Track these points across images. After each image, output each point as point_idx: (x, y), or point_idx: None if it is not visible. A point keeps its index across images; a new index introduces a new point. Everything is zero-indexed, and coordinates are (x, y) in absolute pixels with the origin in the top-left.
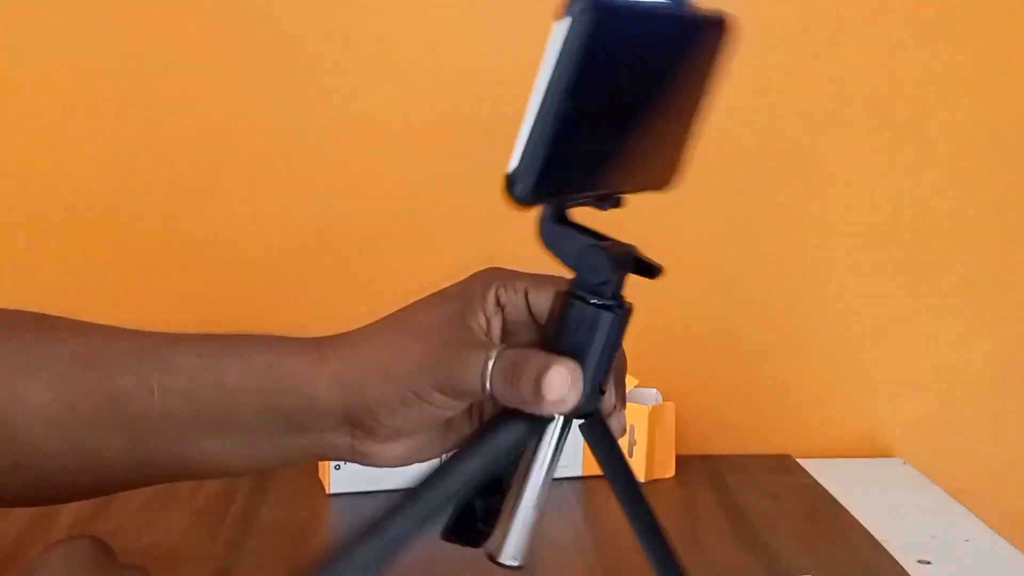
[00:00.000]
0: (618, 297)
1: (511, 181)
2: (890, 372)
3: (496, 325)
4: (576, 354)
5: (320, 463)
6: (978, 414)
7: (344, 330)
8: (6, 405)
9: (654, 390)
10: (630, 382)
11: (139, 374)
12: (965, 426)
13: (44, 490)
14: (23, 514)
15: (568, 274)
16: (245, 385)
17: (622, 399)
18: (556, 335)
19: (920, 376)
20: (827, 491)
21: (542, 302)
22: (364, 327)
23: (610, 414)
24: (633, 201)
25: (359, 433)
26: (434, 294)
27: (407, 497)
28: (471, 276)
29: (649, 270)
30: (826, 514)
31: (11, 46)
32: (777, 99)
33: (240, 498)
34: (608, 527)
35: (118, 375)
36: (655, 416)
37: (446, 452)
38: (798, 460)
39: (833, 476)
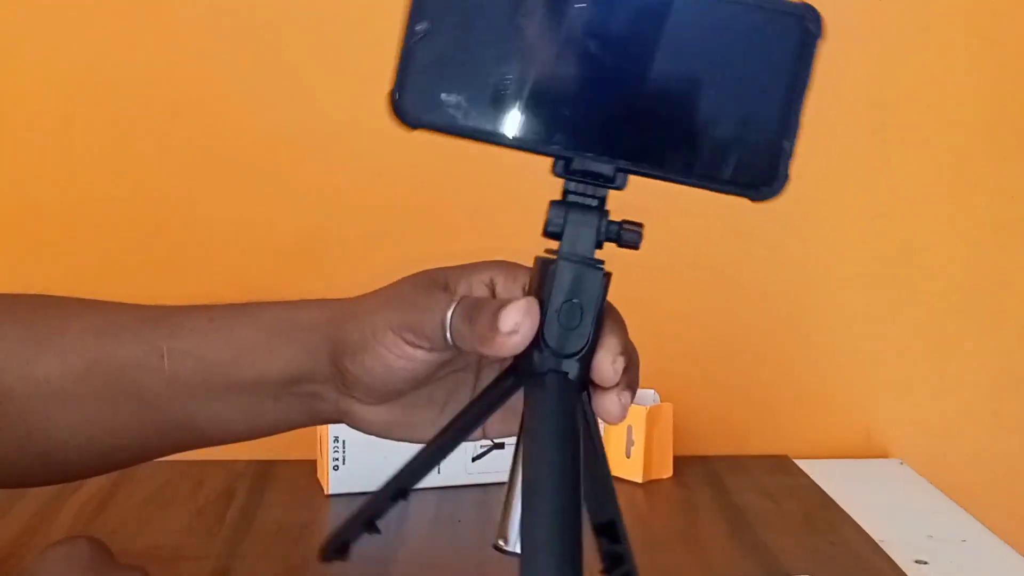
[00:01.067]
0: (578, 255)
1: (391, 103)
2: (887, 373)
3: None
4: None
5: (319, 466)
6: (975, 415)
7: None
8: (14, 381)
9: (652, 391)
10: None
11: (148, 340)
12: (962, 427)
13: (52, 466)
14: (22, 514)
15: None
16: (253, 342)
17: (629, 384)
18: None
19: (917, 377)
20: (824, 492)
21: None
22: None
23: (606, 389)
24: (628, 201)
25: (342, 387)
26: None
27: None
28: (478, 263)
29: (619, 237)
30: (823, 514)
31: (15, 54)
32: None
33: (239, 498)
34: None
35: (127, 343)
36: (653, 417)
37: (431, 435)
38: (796, 461)
39: (831, 477)
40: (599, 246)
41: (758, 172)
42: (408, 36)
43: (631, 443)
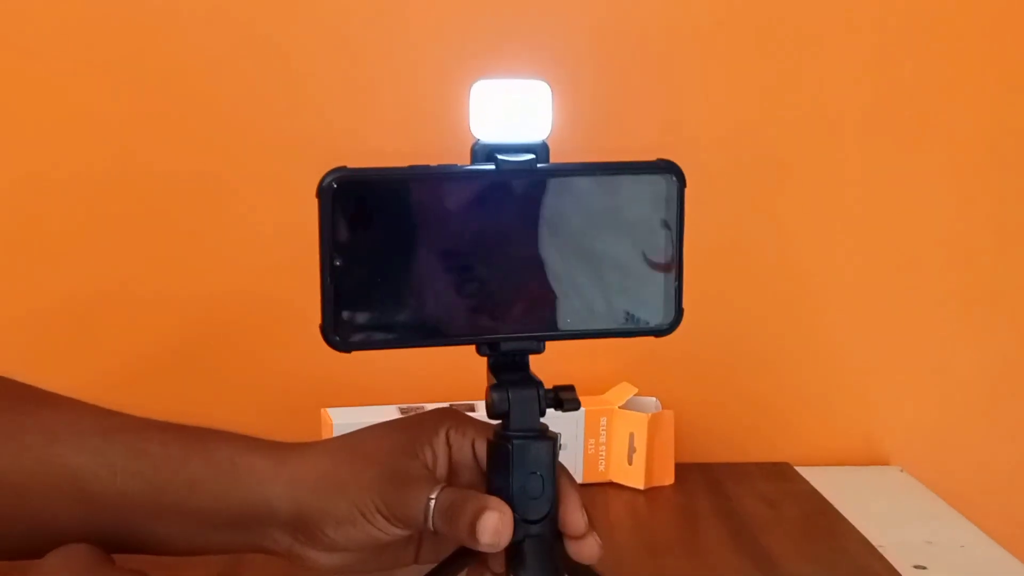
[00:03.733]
0: (526, 429)
1: (323, 334)
2: (887, 380)
3: (442, 461)
4: (500, 487)
5: None
6: (975, 422)
7: None
8: None
9: (653, 399)
10: (628, 391)
11: (102, 454)
12: (962, 434)
13: None
14: None
15: None
16: (204, 477)
17: (589, 523)
18: (487, 474)
19: (917, 384)
20: (825, 498)
21: (485, 450)
22: (322, 441)
23: (581, 537)
24: None
25: (300, 537)
26: (391, 421)
27: None
28: (428, 412)
29: (560, 404)
30: (824, 521)
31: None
32: (776, 107)
33: None
34: (608, 535)
35: (80, 452)
36: (654, 424)
37: (381, 570)
38: (796, 468)
39: (831, 484)
40: (543, 414)
41: (658, 312)
42: (325, 272)
43: (633, 450)
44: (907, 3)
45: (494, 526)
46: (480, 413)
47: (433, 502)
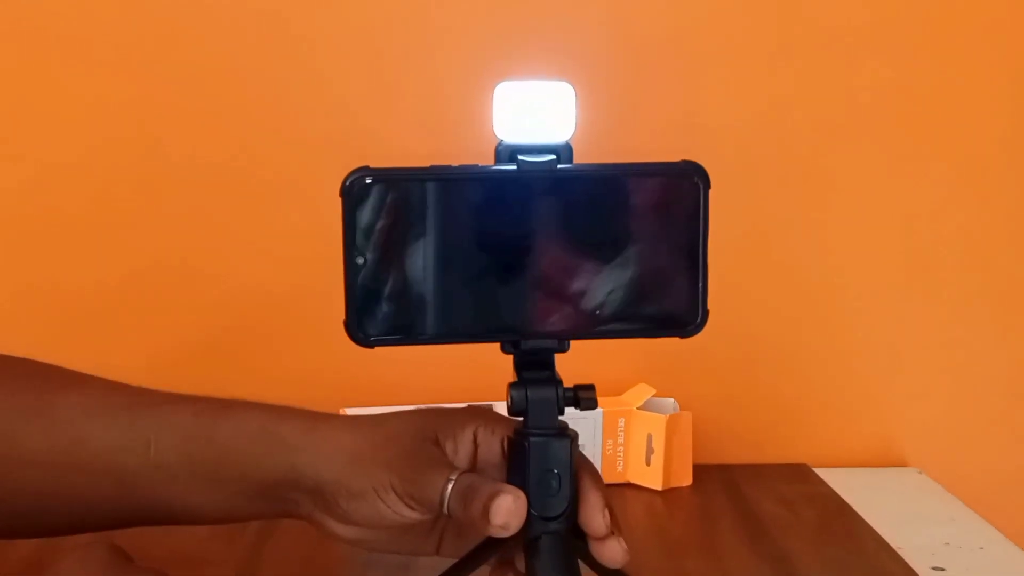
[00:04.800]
0: (544, 427)
1: (347, 330)
2: (905, 382)
3: (464, 454)
4: (518, 483)
5: None
6: (992, 424)
7: None
8: (2, 448)
9: (671, 400)
10: (647, 392)
11: (135, 428)
12: (980, 436)
13: (26, 524)
14: None
15: None
16: (236, 446)
17: (619, 526)
18: (506, 469)
19: (935, 386)
20: (843, 500)
21: None
22: (352, 416)
23: (603, 539)
24: None
25: (320, 504)
26: (422, 408)
27: None
28: (461, 408)
29: (577, 402)
30: (841, 522)
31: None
32: (792, 109)
33: None
34: (626, 536)
35: (113, 427)
36: (672, 425)
37: (400, 551)
38: (814, 469)
39: (849, 485)
40: (561, 413)
41: (683, 314)
42: (348, 269)
43: (651, 451)
44: (925, 2)
45: (507, 508)
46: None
47: (451, 484)
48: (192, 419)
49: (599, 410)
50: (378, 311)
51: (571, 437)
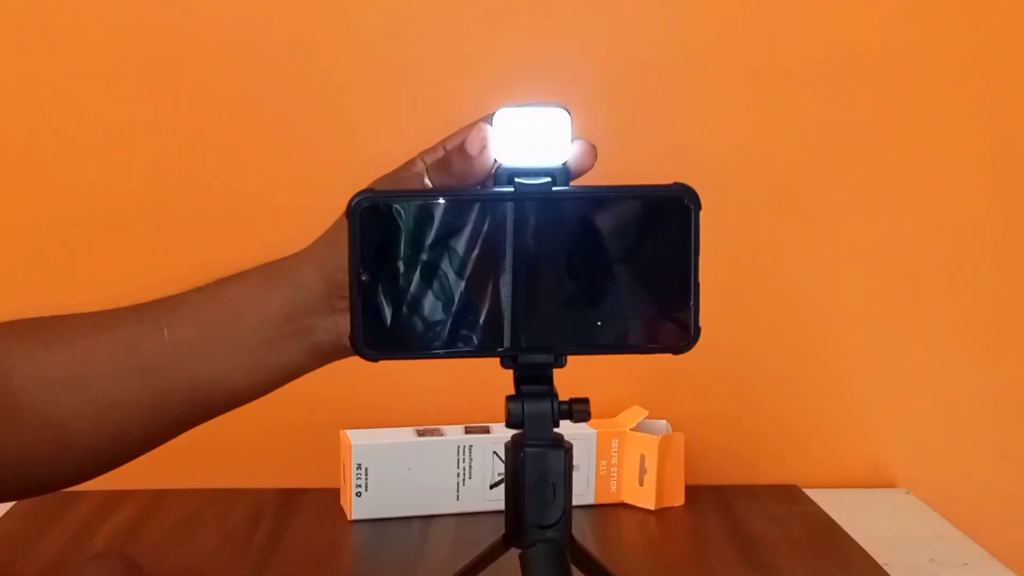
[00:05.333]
0: (540, 438)
1: (352, 344)
2: (894, 404)
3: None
4: (515, 492)
5: (342, 492)
6: (981, 446)
7: None
8: (23, 378)
9: (664, 421)
10: (639, 413)
11: (147, 318)
12: (968, 457)
13: (71, 452)
14: (55, 542)
15: None
16: (243, 295)
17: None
18: (504, 479)
19: (924, 408)
20: (832, 519)
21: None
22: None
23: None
24: None
25: (337, 301)
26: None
27: None
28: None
29: (571, 415)
30: (831, 542)
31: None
32: (783, 128)
33: (266, 524)
34: (620, 555)
35: (127, 324)
36: (665, 446)
37: None
38: (804, 490)
39: (838, 505)
40: (556, 425)
41: (675, 331)
42: (354, 286)
43: (644, 471)
44: (914, 31)
45: (478, 138)
46: (495, 435)
47: (423, 155)
48: (196, 294)
49: (593, 431)
50: (382, 327)
51: (566, 448)
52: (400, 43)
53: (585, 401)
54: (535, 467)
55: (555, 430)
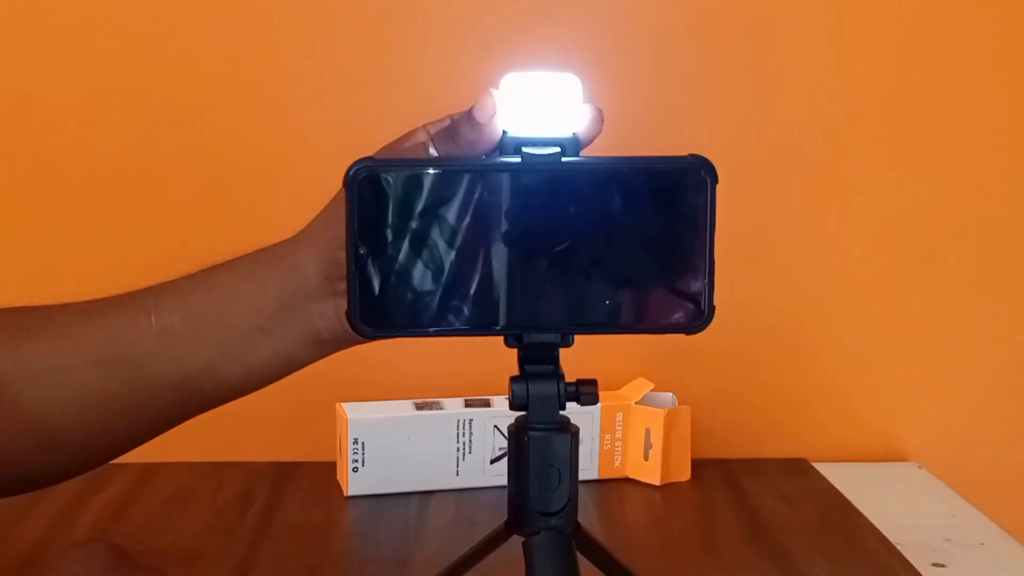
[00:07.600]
0: (545, 422)
1: (348, 320)
2: (906, 376)
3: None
4: (518, 478)
5: (338, 468)
6: (993, 418)
7: None
8: (4, 369)
9: (670, 394)
10: (645, 386)
11: (135, 305)
12: (981, 430)
13: (54, 447)
14: (44, 516)
15: None
16: (236, 282)
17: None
18: (507, 464)
19: (936, 380)
20: (842, 495)
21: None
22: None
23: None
24: None
25: (336, 282)
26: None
27: None
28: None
29: (577, 397)
30: (841, 517)
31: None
32: (791, 105)
33: (259, 500)
34: (624, 530)
35: (114, 312)
36: (670, 420)
37: None
38: (813, 464)
39: (848, 480)
40: (562, 408)
41: (689, 311)
42: (351, 260)
43: (649, 446)
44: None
45: (487, 104)
46: (495, 409)
47: (427, 126)
48: (186, 281)
49: (597, 405)
50: (379, 302)
51: (572, 432)
52: (399, 6)
53: (593, 383)
54: (539, 452)
55: (561, 413)
